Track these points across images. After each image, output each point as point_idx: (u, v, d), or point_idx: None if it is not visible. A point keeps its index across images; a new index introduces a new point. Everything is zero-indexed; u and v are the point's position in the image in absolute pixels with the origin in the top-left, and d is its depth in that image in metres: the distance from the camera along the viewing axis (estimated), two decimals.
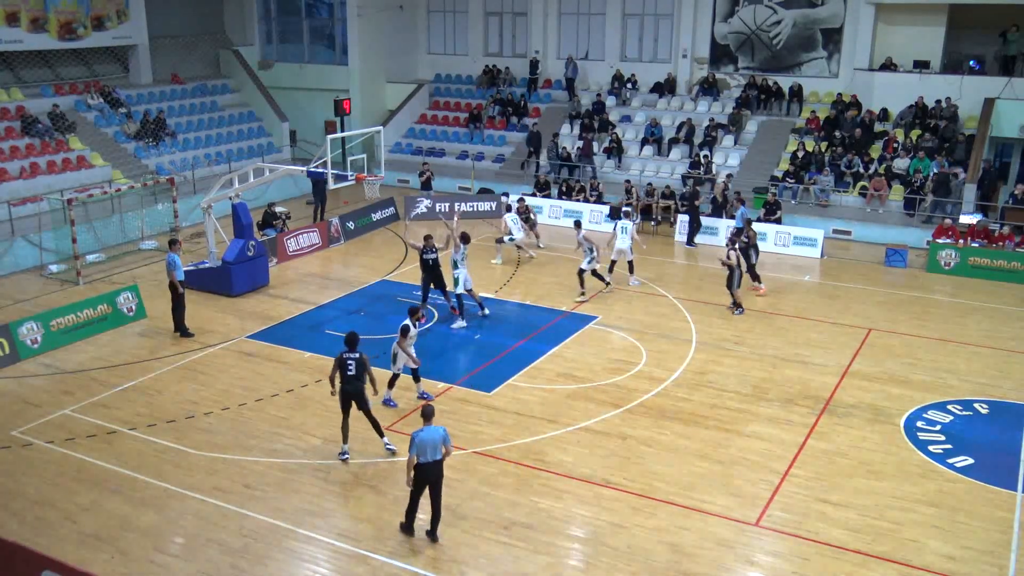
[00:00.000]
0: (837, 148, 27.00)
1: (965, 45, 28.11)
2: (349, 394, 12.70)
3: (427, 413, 10.94)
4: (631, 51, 32.58)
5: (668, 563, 10.79)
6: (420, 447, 10.65)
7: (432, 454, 10.73)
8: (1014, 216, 23.29)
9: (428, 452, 10.71)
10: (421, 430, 10.74)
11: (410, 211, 27.28)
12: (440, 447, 10.77)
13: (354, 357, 12.64)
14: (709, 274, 22.32)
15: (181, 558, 10.89)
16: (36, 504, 11.97)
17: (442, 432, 10.81)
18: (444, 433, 10.83)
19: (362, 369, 12.64)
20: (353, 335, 12.92)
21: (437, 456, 10.78)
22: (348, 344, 12.78)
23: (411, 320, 14.26)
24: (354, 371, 12.60)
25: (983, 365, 16.64)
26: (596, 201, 26.97)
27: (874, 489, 12.40)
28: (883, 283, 21.58)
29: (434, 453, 10.74)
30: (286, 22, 35.34)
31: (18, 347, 16.62)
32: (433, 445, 10.72)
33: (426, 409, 10.99)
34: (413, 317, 14.33)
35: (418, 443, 10.65)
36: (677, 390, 15.45)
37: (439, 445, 10.76)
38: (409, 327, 14.14)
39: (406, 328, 14.09)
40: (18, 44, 26.80)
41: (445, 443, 10.80)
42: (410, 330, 14.18)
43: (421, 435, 10.69)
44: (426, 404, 11.27)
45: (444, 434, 10.81)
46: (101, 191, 23.89)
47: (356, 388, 12.68)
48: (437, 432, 10.77)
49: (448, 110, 34.33)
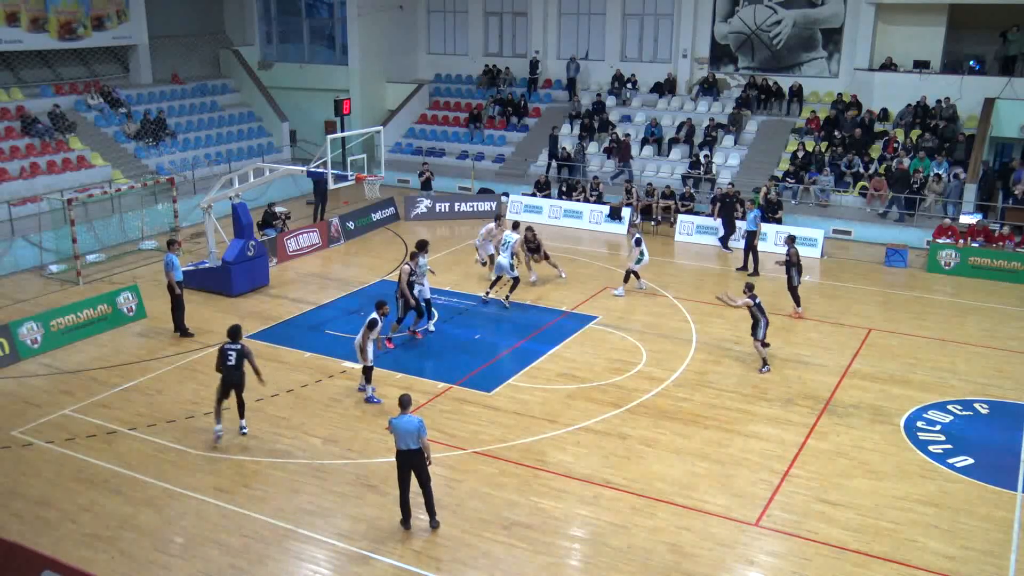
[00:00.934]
0: (837, 148, 27.00)
1: (965, 45, 28.12)
2: (229, 382, 13.35)
3: (403, 402, 11.17)
4: (631, 51, 32.59)
5: (668, 563, 10.79)
6: (395, 433, 10.97)
7: (408, 442, 10.94)
8: (1014, 216, 23.30)
9: (404, 440, 10.95)
10: (397, 417, 11.03)
11: (410, 211, 27.32)
12: (416, 436, 10.92)
13: (235, 348, 13.30)
14: (709, 274, 22.35)
15: (181, 558, 10.89)
16: (36, 504, 11.98)
17: (417, 423, 10.94)
18: (420, 424, 10.96)
19: (242, 359, 13.28)
20: (236, 328, 13.52)
21: (413, 445, 10.95)
22: (230, 336, 13.41)
23: (378, 314, 14.66)
24: (234, 361, 13.26)
25: (983, 365, 16.64)
26: (596, 201, 26.96)
27: (874, 489, 12.40)
28: (883, 283, 21.58)
29: (410, 442, 10.94)
30: (286, 22, 35.34)
31: (18, 347, 16.62)
32: (408, 433, 10.92)
33: (403, 398, 11.22)
34: (380, 311, 14.76)
35: (392, 428, 11.01)
36: (677, 390, 15.45)
37: (415, 435, 10.92)
38: (376, 321, 14.55)
39: (373, 322, 14.51)
40: (18, 44, 26.80)
41: (420, 434, 10.93)
42: (377, 324, 14.59)
43: (395, 421, 11.00)
44: (404, 393, 11.42)
45: (420, 425, 10.95)
46: (101, 191, 23.90)
47: (236, 377, 13.33)
48: (411, 422, 10.94)
49: (448, 110, 34.32)
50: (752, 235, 22.05)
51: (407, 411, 11.09)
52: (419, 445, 10.97)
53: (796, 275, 18.66)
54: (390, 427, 11.07)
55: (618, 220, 26.02)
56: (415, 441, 10.94)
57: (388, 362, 16.29)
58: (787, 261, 18.65)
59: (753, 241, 22.05)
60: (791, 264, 18.60)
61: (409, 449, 10.98)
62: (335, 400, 15.05)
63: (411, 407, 11.20)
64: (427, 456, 11.13)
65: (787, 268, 18.69)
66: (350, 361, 16.42)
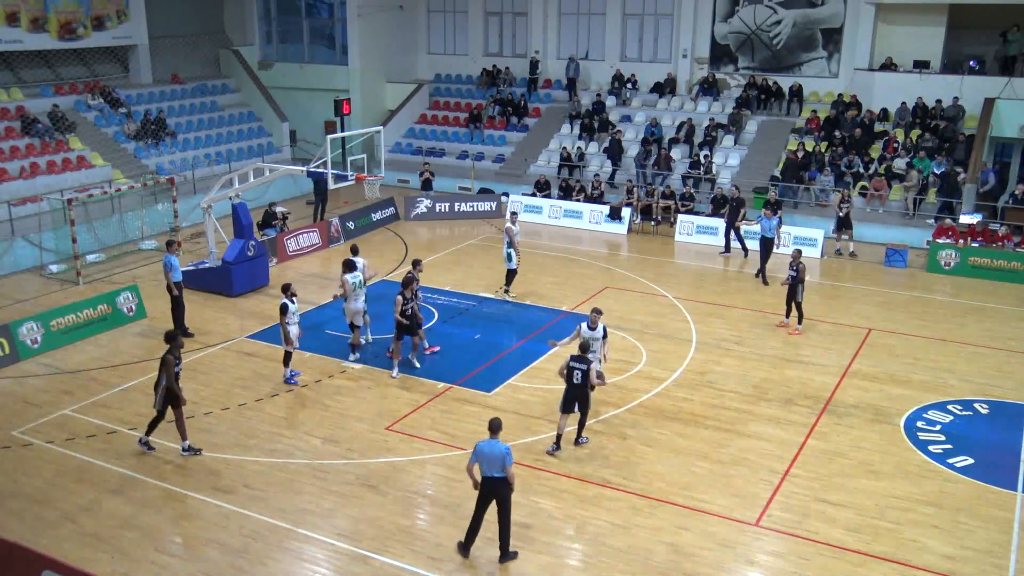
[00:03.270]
0: (837, 148, 27.00)
1: (965, 45, 28.13)
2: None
3: (493, 426, 10.56)
4: (631, 51, 32.58)
5: (668, 563, 10.79)
6: (481, 458, 10.42)
7: (492, 469, 10.41)
8: (1014, 216, 23.30)
9: (489, 466, 10.42)
10: (484, 441, 10.49)
11: (410, 211, 27.33)
12: (501, 464, 10.36)
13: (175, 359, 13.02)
14: (709, 274, 22.35)
15: (181, 558, 10.89)
16: (36, 504, 11.97)
17: (504, 450, 10.35)
18: (507, 451, 10.36)
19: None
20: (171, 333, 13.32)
21: (497, 474, 10.41)
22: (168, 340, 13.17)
23: (285, 296, 15.25)
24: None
25: (983, 365, 16.64)
26: (597, 201, 26.93)
27: (874, 489, 12.40)
28: (883, 283, 21.58)
29: (494, 469, 10.41)
30: (286, 22, 35.34)
31: (18, 347, 16.62)
32: (492, 460, 10.37)
33: (493, 422, 10.61)
34: (286, 294, 15.31)
35: (477, 452, 10.45)
36: (677, 390, 15.45)
37: (500, 463, 10.36)
38: (287, 305, 15.08)
39: (283, 307, 15.07)
40: (18, 44, 26.79)
41: (505, 462, 10.35)
42: (287, 308, 15.04)
43: (481, 446, 10.44)
44: (494, 418, 10.76)
45: (506, 452, 10.36)
46: (101, 191, 23.89)
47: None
48: (497, 447, 10.37)
49: (448, 110, 34.32)
50: (769, 243, 21.11)
51: (496, 436, 10.49)
52: (503, 473, 10.39)
53: (801, 291, 17.91)
54: (475, 451, 10.48)
55: (618, 220, 26.01)
56: (500, 469, 10.37)
57: (388, 362, 16.27)
58: (793, 278, 17.80)
59: (770, 249, 21.14)
60: (798, 280, 17.80)
61: (494, 477, 10.42)
62: (335, 400, 15.05)
63: (500, 432, 10.58)
64: (511, 485, 10.53)
65: (793, 285, 17.86)
66: (350, 361, 16.44)
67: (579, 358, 12.93)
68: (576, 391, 13.00)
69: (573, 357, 12.98)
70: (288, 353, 15.46)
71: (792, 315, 18.21)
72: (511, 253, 19.33)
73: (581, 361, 12.90)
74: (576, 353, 13.03)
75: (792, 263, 17.85)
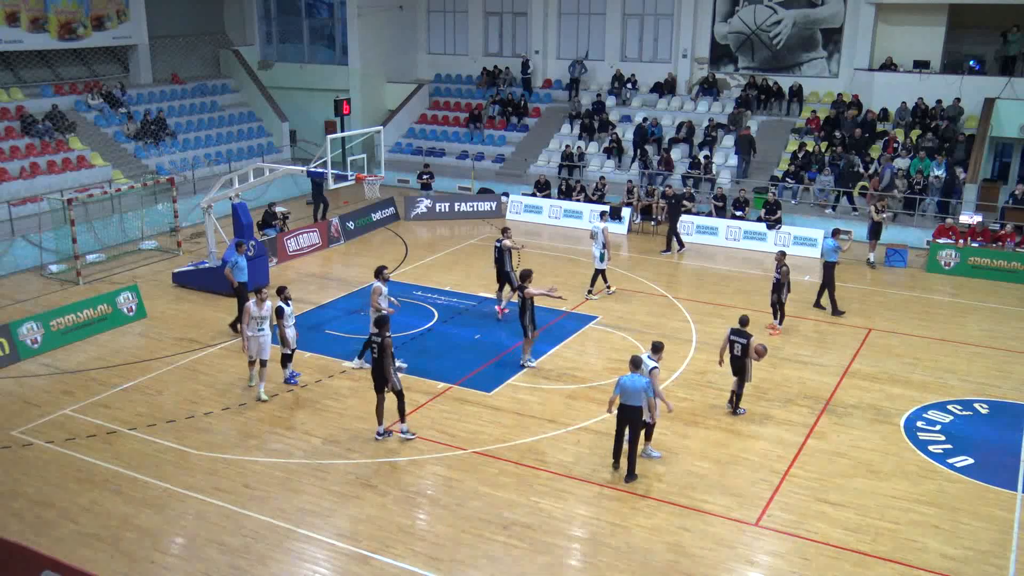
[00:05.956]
0: (837, 148, 27.00)
1: (965, 45, 28.11)
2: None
3: (635, 362, 12.29)
4: (631, 51, 32.58)
5: (668, 563, 10.79)
6: (623, 389, 12.19)
7: (631, 400, 12.17)
8: (1014, 216, 23.30)
9: (629, 396, 12.19)
10: (626, 376, 12.24)
11: (410, 211, 27.33)
12: (642, 395, 12.10)
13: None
14: (709, 274, 22.34)
15: (181, 558, 10.89)
16: (36, 504, 11.97)
17: (644, 382, 12.14)
18: (646, 384, 12.15)
19: None
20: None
21: (635, 402, 12.13)
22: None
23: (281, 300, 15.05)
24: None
25: (983, 365, 16.64)
26: (597, 201, 26.92)
27: (874, 489, 12.40)
28: (883, 283, 21.58)
29: (634, 399, 12.14)
30: (286, 22, 35.34)
31: (18, 347, 16.62)
32: (633, 392, 12.12)
33: (635, 358, 12.33)
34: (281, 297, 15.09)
35: (620, 385, 12.23)
36: (677, 390, 15.45)
37: (640, 393, 12.10)
38: (282, 308, 14.97)
39: (279, 310, 14.98)
40: (18, 44, 26.79)
41: (647, 393, 12.13)
42: (284, 311, 14.98)
43: (624, 379, 12.22)
44: (635, 355, 12.44)
45: (646, 385, 12.15)
46: (101, 191, 23.90)
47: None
48: (639, 381, 12.12)
49: (448, 110, 34.32)
50: (831, 267, 19.05)
51: (638, 370, 12.19)
52: (640, 403, 12.09)
53: (785, 292, 17.91)
54: (618, 384, 12.24)
55: (618, 220, 26.00)
56: (639, 399, 12.09)
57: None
58: (777, 280, 17.80)
59: (832, 274, 19.06)
60: (782, 283, 17.80)
61: (631, 406, 12.16)
62: (335, 400, 15.06)
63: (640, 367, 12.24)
64: (651, 413, 12.39)
65: (777, 285, 17.86)
66: (350, 361, 16.44)
67: (739, 332, 14.15)
68: (736, 363, 14.27)
69: (733, 331, 14.24)
70: (287, 354, 15.46)
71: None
72: (603, 253, 19.84)
73: (740, 335, 14.10)
74: (735, 327, 14.28)
75: (777, 266, 17.92)
